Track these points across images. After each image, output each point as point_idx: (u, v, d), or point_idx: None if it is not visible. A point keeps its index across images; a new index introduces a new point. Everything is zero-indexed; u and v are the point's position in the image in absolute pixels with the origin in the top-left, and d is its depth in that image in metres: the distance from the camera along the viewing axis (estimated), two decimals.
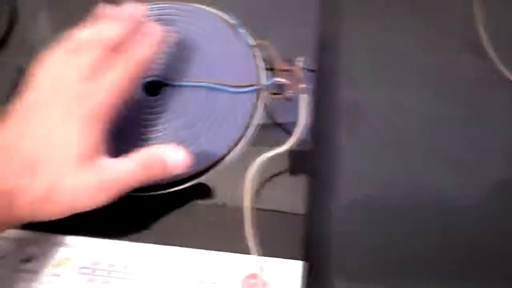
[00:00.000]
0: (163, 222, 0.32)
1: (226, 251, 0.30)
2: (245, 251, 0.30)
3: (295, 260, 0.30)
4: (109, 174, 0.29)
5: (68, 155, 0.29)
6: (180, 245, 0.31)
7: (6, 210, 0.28)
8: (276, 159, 0.32)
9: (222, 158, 0.33)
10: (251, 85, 0.35)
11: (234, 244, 0.30)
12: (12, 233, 0.31)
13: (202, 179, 0.33)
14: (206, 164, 0.33)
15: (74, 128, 0.29)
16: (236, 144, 0.34)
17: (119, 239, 0.31)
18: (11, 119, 0.30)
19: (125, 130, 0.33)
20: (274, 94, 0.35)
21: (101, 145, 0.30)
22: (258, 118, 0.35)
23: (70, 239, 0.31)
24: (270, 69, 0.37)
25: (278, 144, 0.32)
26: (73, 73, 0.30)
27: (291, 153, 0.33)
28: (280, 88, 0.36)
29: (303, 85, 0.31)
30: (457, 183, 0.36)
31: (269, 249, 0.30)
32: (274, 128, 0.35)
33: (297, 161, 0.34)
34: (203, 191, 0.33)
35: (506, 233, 0.34)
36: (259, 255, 0.30)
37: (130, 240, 0.31)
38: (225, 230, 0.31)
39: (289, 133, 0.35)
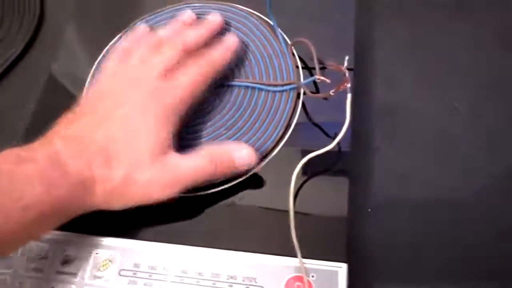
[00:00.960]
0: (205, 224, 0.31)
1: (271, 254, 0.30)
2: (290, 253, 0.29)
3: (339, 263, 0.29)
4: (179, 170, 0.30)
5: (143, 148, 0.29)
6: (224, 248, 0.30)
7: (80, 197, 0.28)
8: (316, 160, 0.31)
9: (264, 157, 0.33)
10: (289, 84, 0.35)
11: (279, 246, 0.30)
12: (54, 234, 0.31)
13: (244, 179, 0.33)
14: None
15: (150, 123, 0.29)
16: (276, 144, 0.33)
17: (160, 242, 0.31)
18: (83, 110, 0.31)
19: None
20: (311, 92, 0.35)
21: (171, 141, 0.30)
22: (297, 117, 0.34)
23: (111, 241, 0.31)
24: (307, 68, 0.37)
25: (317, 144, 0.31)
26: (152, 69, 0.31)
27: (331, 154, 0.32)
28: (316, 87, 0.36)
29: (349, 84, 0.31)
30: (498, 184, 0.35)
31: (312, 251, 0.29)
32: (311, 128, 0.35)
33: (337, 162, 0.34)
34: (245, 192, 0.32)
35: None
36: (303, 257, 0.29)
37: (171, 242, 0.31)
38: (269, 232, 0.31)
39: (325, 133, 0.35)
